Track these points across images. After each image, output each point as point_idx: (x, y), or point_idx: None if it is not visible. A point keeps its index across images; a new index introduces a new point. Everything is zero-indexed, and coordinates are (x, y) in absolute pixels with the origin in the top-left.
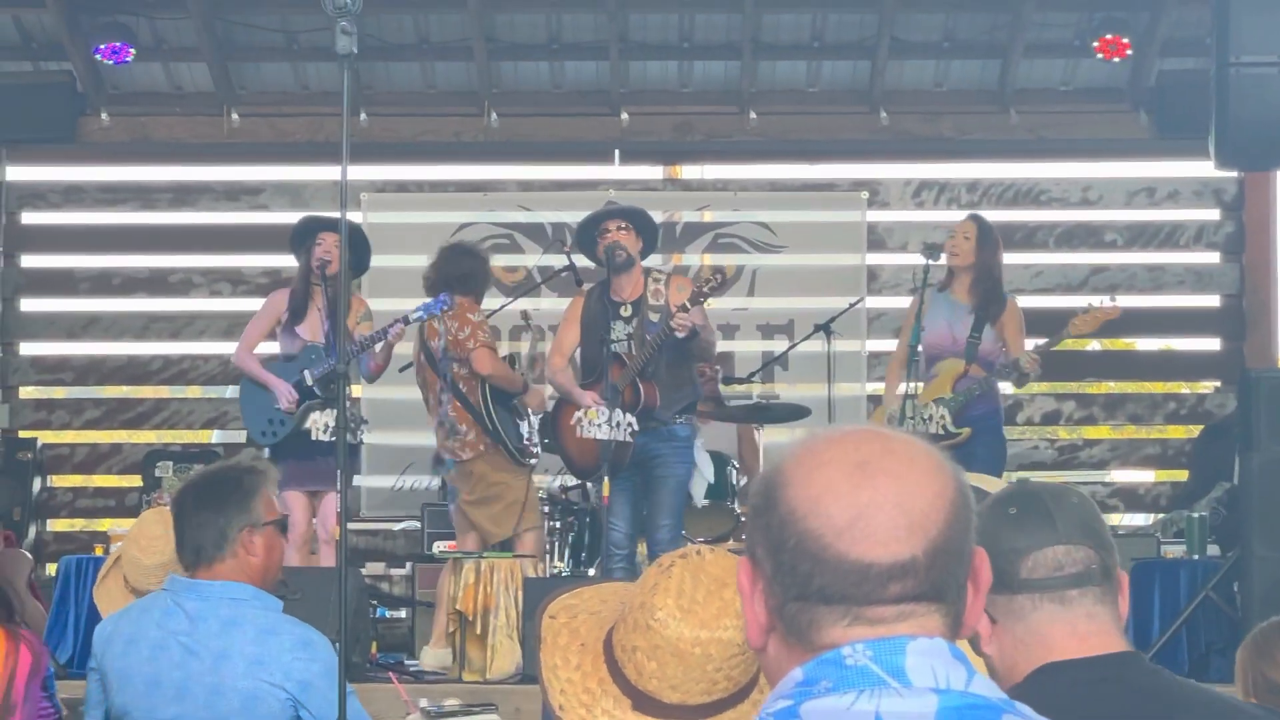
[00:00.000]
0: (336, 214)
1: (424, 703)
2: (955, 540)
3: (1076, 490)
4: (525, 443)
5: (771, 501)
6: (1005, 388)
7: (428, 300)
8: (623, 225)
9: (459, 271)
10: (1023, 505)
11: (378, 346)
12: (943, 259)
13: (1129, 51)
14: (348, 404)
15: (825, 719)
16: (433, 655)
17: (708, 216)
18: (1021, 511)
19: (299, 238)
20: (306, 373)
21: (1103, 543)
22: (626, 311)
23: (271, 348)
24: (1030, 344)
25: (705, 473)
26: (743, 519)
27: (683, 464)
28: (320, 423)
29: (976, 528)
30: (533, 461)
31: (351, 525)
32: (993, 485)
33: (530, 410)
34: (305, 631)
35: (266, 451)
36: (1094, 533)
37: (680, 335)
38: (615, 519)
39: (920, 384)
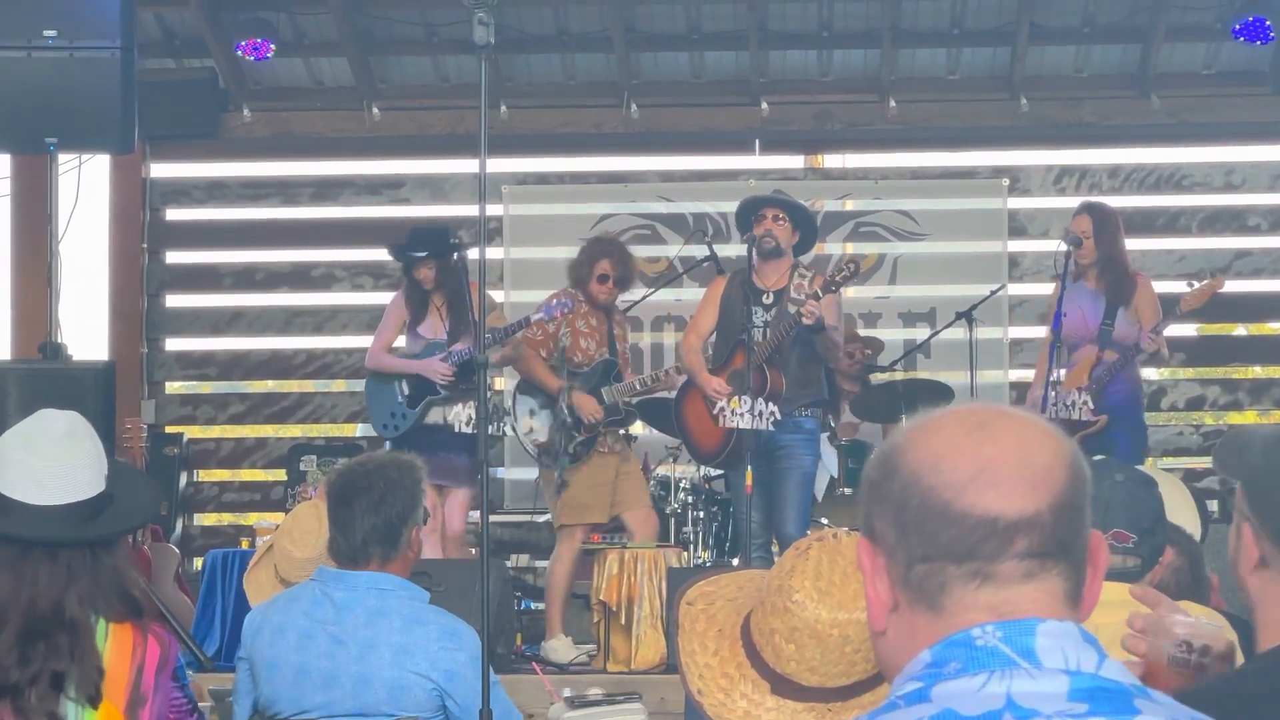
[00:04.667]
0: (441, 229)
1: (568, 692)
2: (1078, 499)
3: None
4: (547, 444)
5: (891, 470)
6: (1149, 374)
7: (550, 302)
8: (780, 216)
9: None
10: None
11: (496, 354)
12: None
13: (1272, 34)
14: (489, 396)
15: (956, 701)
16: (559, 645)
17: (849, 205)
18: None
19: (412, 251)
20: None
21: None
22: (768, 300)
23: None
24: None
25: (829, 467)
26: None
27: (809, 455)
28: (464, 415)
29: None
30: (565, 460)
31: (495, 517)
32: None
33: (581, 417)
34: (451, 621)
35: (387, 444)
36: None
37: (807, 323)
38: (753, 510)
39: (1064, 370)
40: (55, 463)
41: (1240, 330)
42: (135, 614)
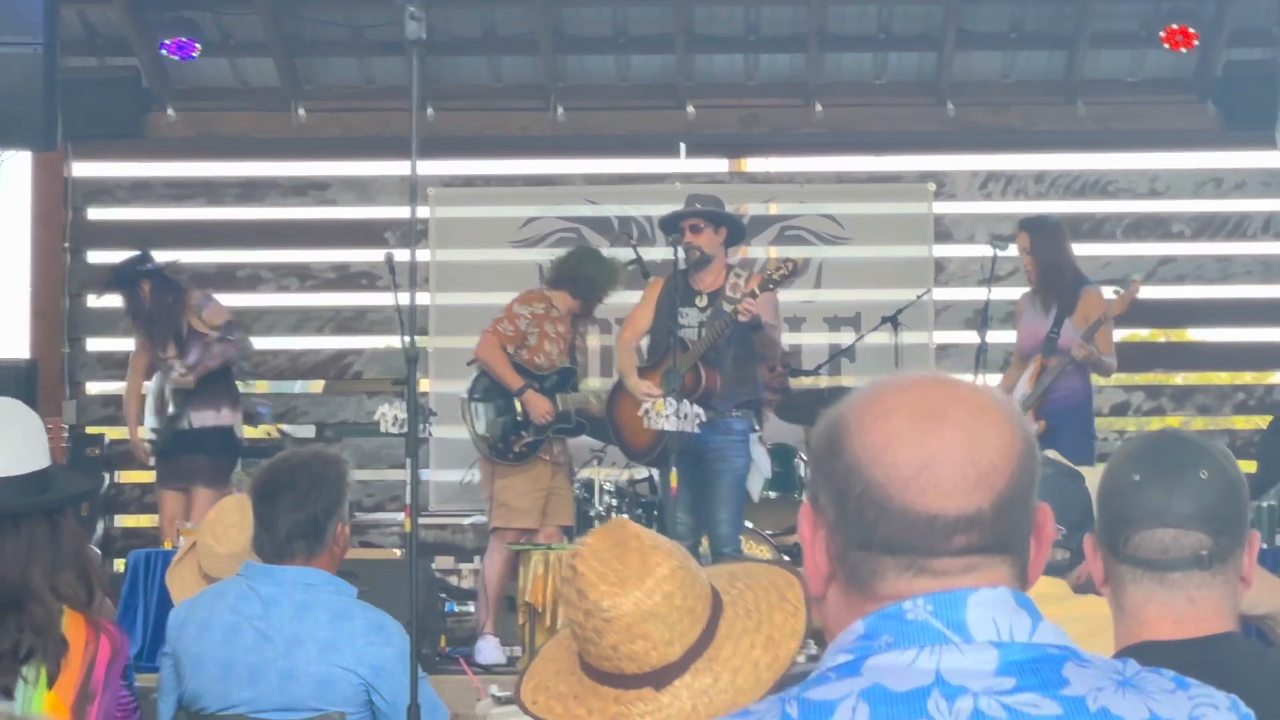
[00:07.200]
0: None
1: (494, 689)
2: (1021, 492)
3: (1218, 455)
4: (495, 438)
5: (835, 449)
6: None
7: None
8: (696, 225)
9: (563, 271)
10: (1146, 474)
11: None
12: (1013, 249)
13: (1196, 42)
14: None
15: (887, 676)
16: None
17: (774, 209)
18: (1143, 480)
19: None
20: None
21: (1223, 525)
22: (702, 302)
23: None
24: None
25: (762, 468)
26: None
27: (739, 457)
28: (390, 415)
29: (1105, 471)
30: (510, 458)
31: (420, 519)
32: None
33: (531, 417)
34: (378, 616)
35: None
36: (1214, 516)
37: (744, 320)
38: (680, 511)
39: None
40: (4, 438)
41: (1163, 337)
42: (88, 598)
